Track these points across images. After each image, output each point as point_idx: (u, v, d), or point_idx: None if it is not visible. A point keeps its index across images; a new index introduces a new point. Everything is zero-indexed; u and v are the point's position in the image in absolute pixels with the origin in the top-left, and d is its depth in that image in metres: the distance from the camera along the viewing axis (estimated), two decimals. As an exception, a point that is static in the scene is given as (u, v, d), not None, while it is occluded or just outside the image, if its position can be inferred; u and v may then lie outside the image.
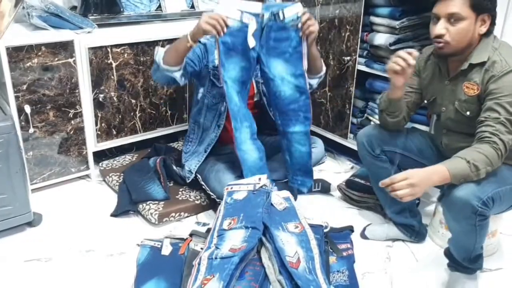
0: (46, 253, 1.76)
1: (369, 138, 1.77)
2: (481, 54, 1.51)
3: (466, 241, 1.50)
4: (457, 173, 1.38)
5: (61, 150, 2.17)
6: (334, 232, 1.87)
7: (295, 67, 1.84)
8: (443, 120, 1.66)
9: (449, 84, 1.61)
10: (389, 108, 1.68)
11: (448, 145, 1.68)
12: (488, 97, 1.47)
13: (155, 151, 2.37)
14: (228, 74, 1.82)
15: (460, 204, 1.40)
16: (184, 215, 2.01)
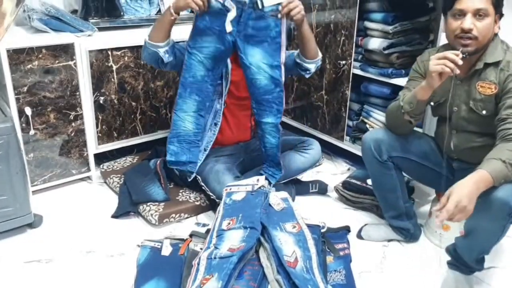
0: (47, 254, 1.72)
1: (377, 143, 1.70)
2: (495, 53, 1.50)
3: (486, 241, 1.45)
4: (498, 175, 1.32)
5: (62, 152, 2.14)
6: (331, 232, 1.85)
7: (272, 57, 1.79)
8: (455, 121, 1.61)
9: (460, 84, 1.58)
10: (415, 110, 1.59)
11: (458, 146, 1.64)
12: (507, 95, 1.44)
13: (155, 153, 2.34)
14: (197, 46, 1.80)
15: (499, 205, 1.33)
16: (184, 216, 1.99)
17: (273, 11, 1.73)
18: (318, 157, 2.15)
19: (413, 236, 1.84)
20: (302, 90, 2.63)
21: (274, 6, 1.72)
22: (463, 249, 1.53)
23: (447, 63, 1.42)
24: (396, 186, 1.76)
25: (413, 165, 1.73)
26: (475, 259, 1.52)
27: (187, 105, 1.88)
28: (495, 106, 1.50)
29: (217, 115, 2.03)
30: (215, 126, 2.03)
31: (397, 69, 2.17)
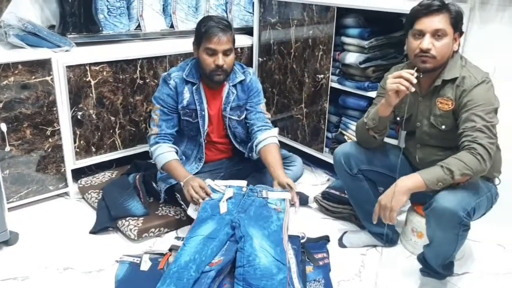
0: (23, 271, 1.70)
1: (347, 157, 1.76)
2: (452, 70, 1.56)
3: (445, 249, 1.52)
4: (430, 177, 1.43)
5: (38, 168, 2.12)
6: (311, 242, 1.88)
7: (274, 244, 1.59)
8: (418, 135, 1.69)
9: (422, 100, 1.65)
10: (378, 126, 1.66)
11: (422, 159, 1.71)
12: (462, 109, 1.51)
13: (135, 168, 2.34)
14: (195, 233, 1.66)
15: (447, 215, 1.42)
16: (164, 230, 1.99)
17: (276, 204, 1.73)
18: (300, 173, 2.18)
19: (392, 240, 1.90)
20: (282, 103, 2.68)
21: (278, 200, 1.74)
22: (429, 257, 1.60)
23: (402, 82, 1.49)
24: (369, 196, 1.81)
25: (382, 177, 1.79)
26: (441, 265, 1.58)
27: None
28: (453, 121, 1.58)
29: (200, 150, 2.07)
30: (199, 161, 2.07)
31: (373, 82, 2.23)
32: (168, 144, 1.98)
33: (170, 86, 1.98)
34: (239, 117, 2.08)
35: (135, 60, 2.30)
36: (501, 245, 1.96)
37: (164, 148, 1.96)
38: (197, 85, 1.99)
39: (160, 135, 1.98)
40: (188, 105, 1.99)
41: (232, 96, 2.04)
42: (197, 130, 2.03)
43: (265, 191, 1.78)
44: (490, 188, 1.58)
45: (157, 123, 1.99)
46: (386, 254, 1.86)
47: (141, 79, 2.35)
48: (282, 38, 2.59)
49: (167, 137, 1.99)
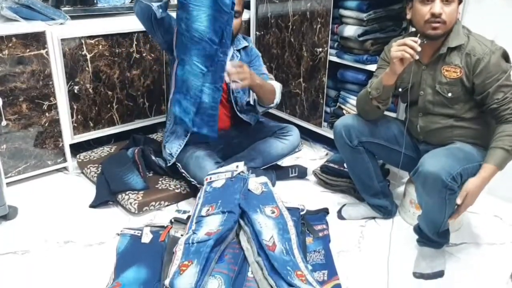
0: (23, 245, 1.68)
1: (347, 129, 1.73)
2: (457, 38, 1.54)
3: (436, 215, 1.52)
4: (502, 163, 1.46)
5: (36, 142, 2.08)
6: (310, 214, 1.87)
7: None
8: (421, 104, 1.67)
9: (426, 69, 1.62)
10: (382, 96, 1.63)
11: (424, 128, 1.69)
12: (486, 82, 1.50)
13: (133, 142, 2.30)
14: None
15: (431, 179, 1.43)
16: (164, 204, 1.96)
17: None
18: (297, 143, 2.16)
19: (390, 212, 1.89)
20: (280, 78, 2.63)
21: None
22: (423, 226, 1.61)
23: (406, 49, 1.47)
24: (369, 169, 1.79)
25: (382, 149, 1.77)
26: (435, 233, 1.58)
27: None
28: (460, 88, 1.56)
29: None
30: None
31: (372, 55, 2.18)
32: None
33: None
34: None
35: (131, 34, 2.23)
36: (498, 216, 1.95)
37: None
38: None
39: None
40: None
41: (236, 60, 2.02)
42: None
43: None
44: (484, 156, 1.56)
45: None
46: (386, 225, 1.85)
47: (137, 53, 2.28)
48: (279, 11, 2.52)
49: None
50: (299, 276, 1.44)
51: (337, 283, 1.50)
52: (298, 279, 1.42)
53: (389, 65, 1.66)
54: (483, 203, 1.98)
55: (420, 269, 1.58)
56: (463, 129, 1.61)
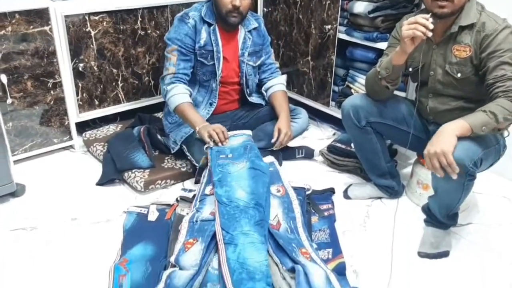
0: (31, 222, 1.72)
1: (355, 109, 1.72)
2: (469, 16, 1.51)
3: (450, 199, 1.52)
4: (474, 121, 1.37)
5: (42, 121, 2.11)
6: (316, 194, 1.89)
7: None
8: (431, 85, 1.65)
9: (436, 48, 1.60)
10: (391, 76, 1.61)
11: (434, 109, 1.68)
12: (489, 56, 1.46)
13: (139, 121, 2.32)
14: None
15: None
16: (170, 182, 1.99)
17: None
18: (305, 126, 2.17)
19: (397, 192, 1.90)
20: (288, 56, 2.62)
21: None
22: (433, 207, 1.61)
23: (418, 27, 1.43)
24: (377, 149, 1.79)
25: (391, 129, 1.76)
26: (445, 216, 1.59)
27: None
28: (470, 68, 1.53)
29: (213, 95, 2.04)
30: (210, 106, 2.03)
31: (382, 33, 2.15)
32: (184, 85, 1.94)
33: (189, 25, 1.94)
34: (254, 63, 2.10)
35: (135, 10, 2.23)
36: (506, 197, 1.96)
37: (181, 88, 1.91)
38: (213, 26, 1.96)
39: (177, 75, 1.93)
40: (205, 45, 1.95)
41: (249, 42, 2.04)
42: (210, 74, 2.00)
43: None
44: (499, 139, 1.55)
45: (174, 62, 1.94)
46: (391, 205, 1.86)
47: (142, 30, 2.28)
48: (288, -13, 2.49)
49: (184, 79, 1.95)
50: (303, 253, 1.47)
51: (342, 261, 1.52)
52: (303, 257, 1.45)
53: (399, 44, 1.65)
54: (491, 184, 1.99)
55: (425, 249, 1.60)
56: (473, 111, 1.59)
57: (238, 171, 1.72)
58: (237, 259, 1.38)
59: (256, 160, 1.77)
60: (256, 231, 1.48)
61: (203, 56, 1.97)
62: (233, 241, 1.44)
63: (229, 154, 1.79)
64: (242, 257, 1.39)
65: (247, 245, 1.42)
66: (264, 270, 1.37)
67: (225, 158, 1.78)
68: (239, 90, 2.13)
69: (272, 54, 2.19)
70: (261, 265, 1.38)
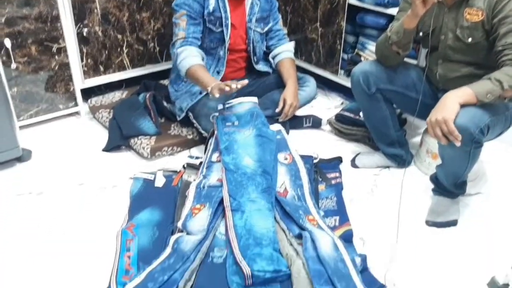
0: (38, 187, 1.72)
1: (365, 76, 1.68)
2: None
3: (457, 167, 1.50)
4: (479, 88, 1.35)
5: (47, 86, 2.08)
6: (324, 163, 1.87)
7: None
8: (441, 50, 1.60)
9: (448, 11, 1.55)
10: (402, 40, 1.56)
11: (443, 76, 1.64)
12: (500, 22, 1.41)
13: (144, 88, 2.29)
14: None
15: (459, 131, 1.35)
16: (177, 150, 1.98)
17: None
18: (313, 94, 2.13)
19: (405, 162, 1.87)
20: (296, 23, 2.54)
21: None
22: (441, 176, 1.59)
23: None
24: (386, 117, 1.76)
25: (401, 96, 1.72)
26: (453, 184, 1.57)
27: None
28: (481, 33, 1.48)
29: (220, 63, 1.99)
30: (217, 75, 1.99)
31: (394, -3, 2.08)
32: (196, 48, 1.89)
33: None
34: (262, 29, 2.04)
35: (140, -27, 2.16)
36: (516, 168, 1.93)
37: (192, 51, 1.86)
38: None
39: (188, 39, 1.87)
40: (213, 11, 1.90)
41: (256, 8, 1.98)
42: (218, 42, 1.95)
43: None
44: (509, 107, 1.51)
45: (184, 27, 1.87)
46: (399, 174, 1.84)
47: (147, -6, 2.22)
48: (297, -51, 2.39)
49: (194, 43, 1.89)
50: (310, 220, 1.46)
51: (349, 229, 1.51)
52: (310, 223, 1.44)
53: (411, 7, 1.60)
54: (501, 153, 1.96)
55: (433, 218, 1.59)
56: None
57: (244, 139, 1.70)
58: (244, 225, 1.38)
59: (263, 128, 1.75)
60: (263, 198, 1.47)
61: (211, 23, 1.91)
62: (240, 207, 1.43)
63: (235, 122, 1.77)
64: (249, 224, 1.39)
65: (254, 212, 1.42)
66: (271, 236, 1.37)
67: (231, 125, 1.76)
68: (246, 57, 2.08)
69: (280, 20, 2.13)
70: (268, 231, 1.38)
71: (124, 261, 1.35)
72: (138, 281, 1.25)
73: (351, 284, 1.25)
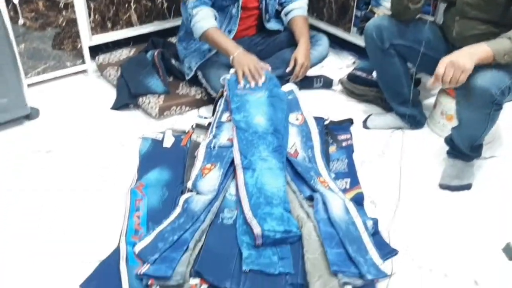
0: (46, 145, 1.64)
1: (379, 30, 1.56)
2: None
3: (475, 130, 1.40)
4: (499, 48, 1.24)
5: (54, 43, 1.96)
6: (334, 124, 1.76)
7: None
8: (458, 6, 1.46)
9: None
10: None
11: (460, 33, 1.50)
12: None
13: (152, 45, 2.15)
14: None
15: (479, 92, 1.27)
16: (185, 109, 1.87)
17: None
18: (325, 53, 1.99)
19: (418, 123, 1.77)
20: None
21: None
22: (457, 139, 1.49)
23: None
24: (399, 74, 1.65)
25: (415, 53, 1.59)
26: (469, 147, 1.48)
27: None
28: None
29: (232, 22, 1.83)
30: (229, 34, 1.84)
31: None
32: (209, 8, 1.74)
33: None
34: None
35: None
36: (532, 131, 1.81)
37: (207, 12, 1.71)
38: None
39: None
40: None
41: None
42: (231, 0, 1.79)
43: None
44: None
45: None
46: (412, 136, 1.73)
47: None
48: None
49: (207, 2, 1.74)
50: (321, 182, 1.38)
51: (359, 191, 1.43)
52: (321, 185, 1.36)
53: None
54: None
55: (447, 181, 1.49)
56: None
57: (256, 100, 1.59)
58: (255, 183, 1.30)
59: (274, 89, 1.63)
60: (274, 157, 1.38)
61: None
62: (251, 166, 1.35)
63: (247, 85, 1.65)
64: (260, 182, 1.31)
65: (265, 171, 1.34)
66: (282, 195, 1.29)
67: (243, 88, 1.64)
68: (258, 15, 1.92)
69: None
70: (279, 191, 1.30)
71: (133, 221, 1.29)
72: (148, 241, 1.19)
73: (362, 247, 1.19)
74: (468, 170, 1.51)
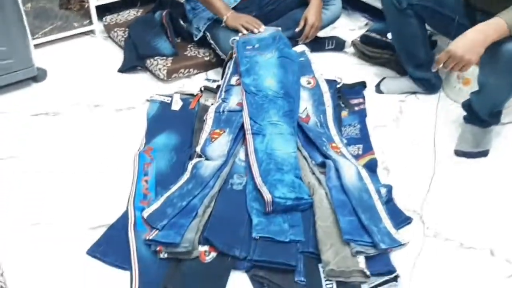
0: (54, 107, 1.55)
1: None
2: None
3: (497, 96, 1.29)
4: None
5: (61, 3, 1.84)
6: (346, 88, 1.63)
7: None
8: None
9: None
10: None
11: None
12: None
13: (160, 5, 1.99)
14: None
15: (507, 58, 1.15)
16: (194, 72, 1.75)
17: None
18: (338, 14, 1.84)
19: (434, 86, 1.64)
20: None
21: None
22: (477, 104, 1.37)
23: None
24: (416, 35, 1.51)
25: (434, 13, 1.45)
26: (488, 113, 1.36)
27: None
28: None
29: None
30: None
31: None
32: None
33: None
34: None
35: None
36: (551, 96, 1.66)
37: None
38: None
39: None
40: None
41: None
42: None
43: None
44: None
45: None
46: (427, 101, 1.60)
47: None
48: None
49: None
50: (334, 148, 1.29)
51: (373, 157, 1.33)
52: (333, 151, 1.26)
53: None
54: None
55: (463, 147, 1.39)
56: None
57: (266, 61, 1.47)
58: (265, 149, 1.21)
59: (285, 49, 1.50)
60: (285, 122, 1.28)
61: None
62: (261, 131, 1.25)
63: (256, 45, 1.52)
64: (270, 148, 1.22)
65: (275, 136, 1.24)
66: (293, 161, 1.20)
67: (252, 49, 1.51)
68: None
69: None
70: (289, 157, 1.21)
71: (141, 185, 1.22)
72: (156, 206, 1.12)
73: (376, 215, 1.11)
74: (485, 137, 1.40)
